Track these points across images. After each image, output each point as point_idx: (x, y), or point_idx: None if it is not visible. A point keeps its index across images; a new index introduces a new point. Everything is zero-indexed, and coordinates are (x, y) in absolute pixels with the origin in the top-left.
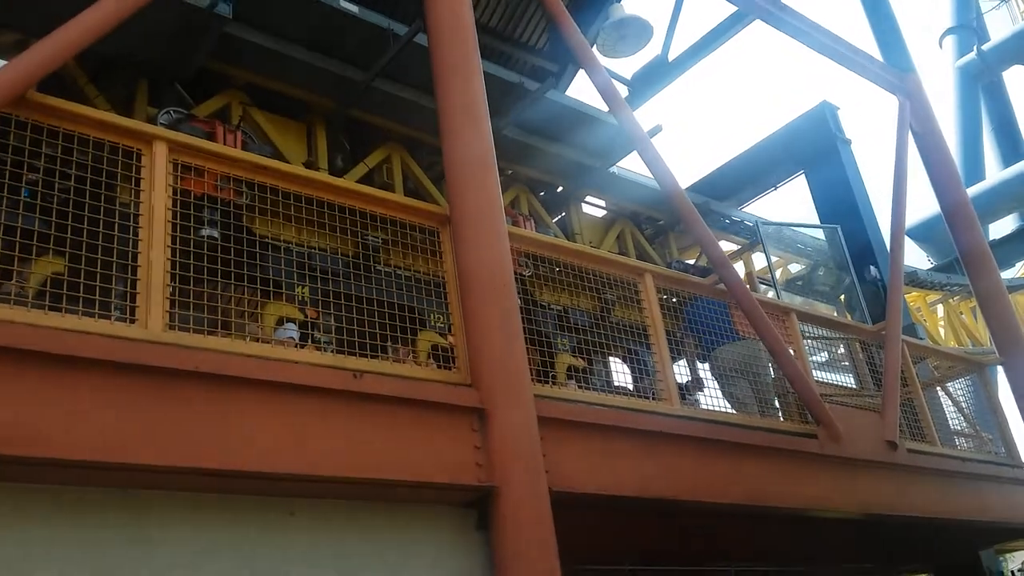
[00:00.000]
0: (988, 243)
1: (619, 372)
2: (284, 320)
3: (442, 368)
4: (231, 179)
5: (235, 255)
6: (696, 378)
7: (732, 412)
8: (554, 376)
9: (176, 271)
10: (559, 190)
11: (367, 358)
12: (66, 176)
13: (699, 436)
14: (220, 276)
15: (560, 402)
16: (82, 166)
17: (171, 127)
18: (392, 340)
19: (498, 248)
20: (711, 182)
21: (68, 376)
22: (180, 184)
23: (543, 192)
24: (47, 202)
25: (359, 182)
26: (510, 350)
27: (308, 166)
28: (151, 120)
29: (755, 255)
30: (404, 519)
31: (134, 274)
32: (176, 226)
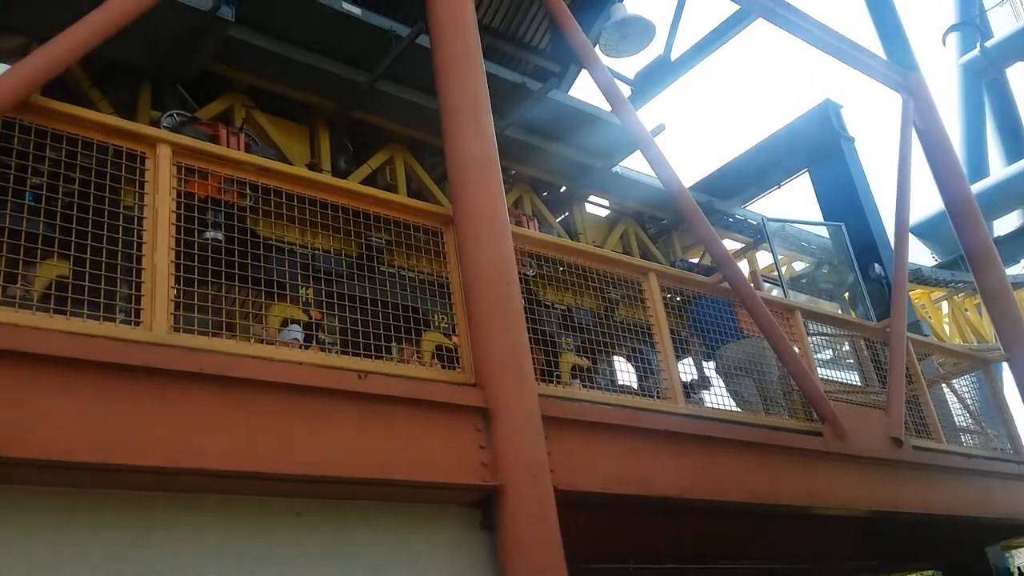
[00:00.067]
0: (992, 240)
1: (623, 371)
2: (288, 322)
3: (446, 368)
4: (235, 181)
5: (239, 257)
6: (702, 376)
7: (737, 410)
8: (558, 375)
9: (180, 273)
10: (562, 190)
11: (371, 359)
12: (70, 180)
13: (704, 434)
14: (224, 278)
15: (565, 401)
16: (86, 170)
17: (174, 130)
18: (396, 341)
19: (502, 248)
20: (714, 181)
21: (73, 378)
22: (184, 187)
23: (546, 192)
24: (51, 206)
25: (362, 183)
26: (514, 350)
27: (311, 168)
28: (154, 123)
29: (759, 253)
30: (409, 519)
31: (138, 277)
32: (180, 229)
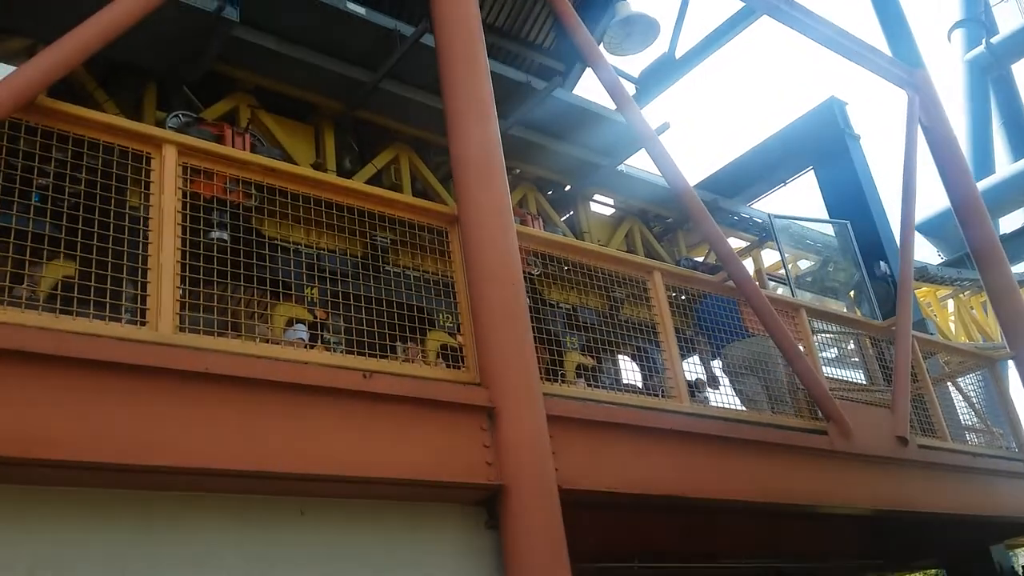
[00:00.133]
0: (998, 237)
1: (628, 370)
2: (294, 321)
3: (451, 367)
4: (240, 181)
5: (244, 257)
6: (709, 375)
7: (742, 409)
8: (563, 374)
9: (186, 273)
10: (567, 189)
11: (376, 358)
12: (76, 180)
13: (709, 433)
14: (230, 278)
15: (569, 400)
16: (92, 170)
17: (180, 131)
18: (401, 340)
19: (506, 247)
20: (719, 179)
21: (78, 378)
22: (189, 187)
23: (551, 191)
24: (58, 206)
25: (367, 183)
26: (519, 349)
27: (316, 168)
28: (160, 124)
29: (765, 251)
30: (414, 518)
31: (144, 277)
32: (186, 229)
